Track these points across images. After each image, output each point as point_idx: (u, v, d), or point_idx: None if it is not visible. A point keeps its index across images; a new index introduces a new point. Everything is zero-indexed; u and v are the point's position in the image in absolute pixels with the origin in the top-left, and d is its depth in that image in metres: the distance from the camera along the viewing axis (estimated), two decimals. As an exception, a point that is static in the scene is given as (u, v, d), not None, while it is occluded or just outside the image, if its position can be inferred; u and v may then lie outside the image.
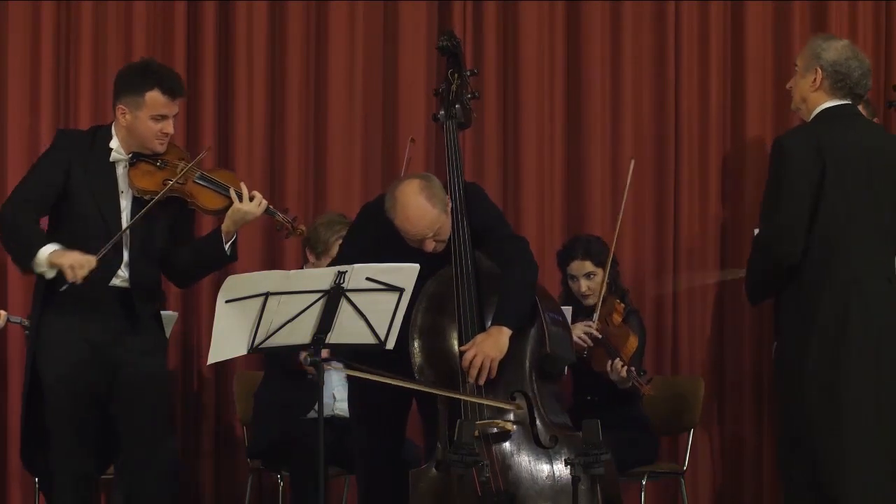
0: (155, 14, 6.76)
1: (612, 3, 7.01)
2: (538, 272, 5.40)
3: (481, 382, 5.15)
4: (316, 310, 4.72)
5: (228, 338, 4.70)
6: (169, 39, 6.73)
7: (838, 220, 4.69)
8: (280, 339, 4.73)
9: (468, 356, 5.14)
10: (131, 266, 5.08)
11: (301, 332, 4.74)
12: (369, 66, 6.90)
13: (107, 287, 5.05)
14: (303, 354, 5.05)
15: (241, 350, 4.76)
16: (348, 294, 4.72)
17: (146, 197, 5.07)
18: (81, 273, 4.90)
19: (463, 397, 5.16)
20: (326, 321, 4.73)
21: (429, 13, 6.94)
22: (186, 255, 5.19)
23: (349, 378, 5.73)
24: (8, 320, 5.87)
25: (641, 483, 6.15)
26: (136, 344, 5.10)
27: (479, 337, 5.17)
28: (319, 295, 4.70)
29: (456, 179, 5.35)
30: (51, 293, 5.06)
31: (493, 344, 5.15)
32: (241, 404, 6.42)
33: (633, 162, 6.28)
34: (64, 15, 6.74)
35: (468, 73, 5.52)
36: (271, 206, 5.17)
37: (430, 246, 5.24)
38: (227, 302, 4.65)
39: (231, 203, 5.09)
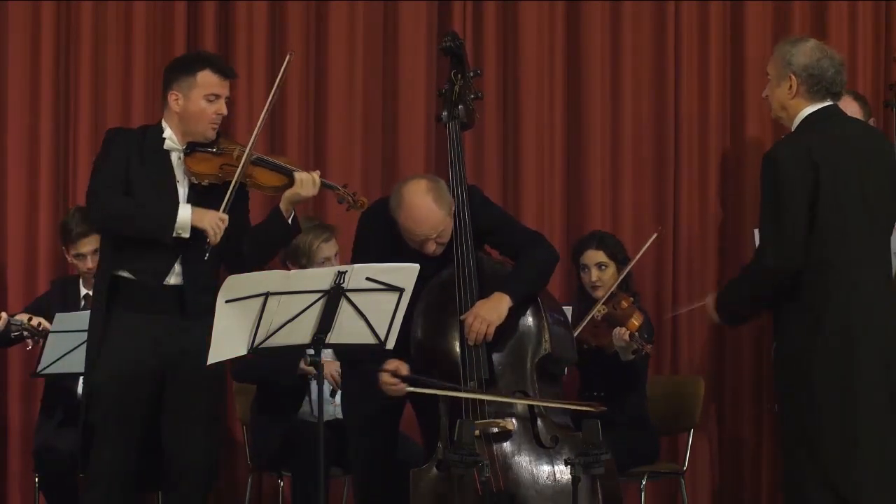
0: (155, 14, 6.77)
1: (612, 3, 7.01)
2: (556, 257, 5.44)
3: (476, 343, 5.19)
4: (316, 310, 4.72)
5: (228, 338, 4.71)
6: (169, 39, 6.73)
7: (835, 224, 4.68)
8: (280, 339, 4.73)
9: (466, 319, 5.19)
10: (198, 242, 5.07)
11: (301, 332, 4.74)
12: (369, 66, 6.90)
13: (161, 286, 5.07)
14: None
15: (241, 350, 4.76)
16: (348, 294, 4.72)
17: (205, 182, 5.11)
18: (220, 234, 5.02)
19: (510, 400, 5.17)
20: (326, 321, 4.74)
21: (429, 13, 6.94)
22: (250, 241, 5.22)
23: (344, 382, 5.74)
24: (9, 322, 5.84)
25: (641, 483, 6.15)
26: (188, 343, 5.08)
27: (479, 302, 5.22)
28: (319, 295, 4.71)
29: (459, 180, 5.36)
30: (113, 294, 5.10)
31: (490, 308, 5.20)
32: (241, 404, 6.43)
33: (655, 235, 6.31)
34: (64, 15, 6.75)
35: (471, 74, 5.53)
36: (326, 181, 5.22)
37: (430, 248, 5.25)
38: (227, 302, 4.65)
39: (288, 180, 5.14)
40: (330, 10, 6.89)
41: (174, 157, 5.16)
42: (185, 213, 5.03)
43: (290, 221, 5.20)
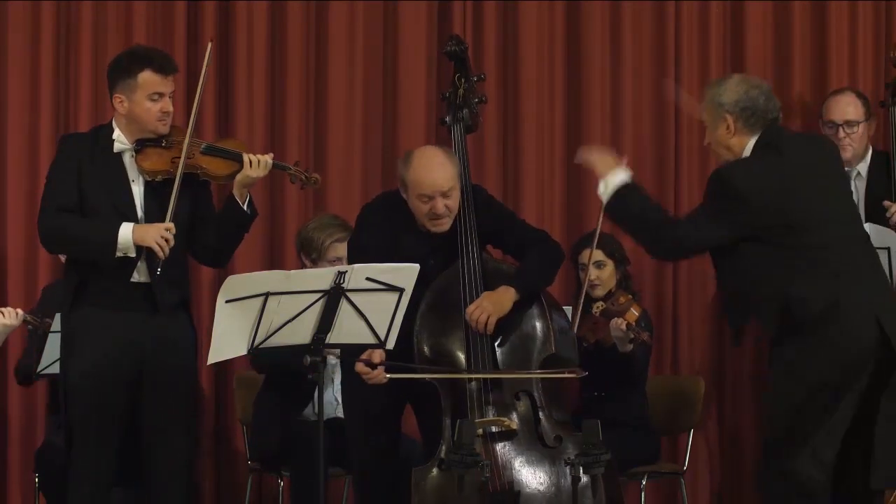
0: (155, 14, 6.77)
1: (612, 3, 7.01)
2: (562, 255, 5.49)
3: (480, 330, 5.21)
4: (316, 310, 4.73)
5: (228, 338, 4.72)
6: (169, 39, 6.72)
7: (812, 230, 4.72)
8: (280, 339, 4.74)
9: (469, 309, 5.23)
10: (148, 259, 5.07)
11: (301, 332, 4.75)
12: (369, 66, 6.89)
13: (129, 283, 5.06)
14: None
15: (241, 350, 4.77)
16: (348, 294, 4.73)
17: (157, 178, 5.11)
18: (168, 247, 4.97)
19: (489, 376, 5.19)
20: (326, 321, 4.74)
21: (429, 13, 6.94)
22: (211, 231, 5.22)
23: (345, 379, 5.74)
24: (25, 320, 5.81)
25: (641, 483, 6.15)
26: (158, 341, 5.11)
27: (484, 294, 5.25)
28: (319, 295, 4.71)
29: (464, 183, 5.37)
30: (79, 294, 5.10)
31: (494, 300, 5.23)
32: (241, 404, 6.43)
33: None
34: (64, 15, 6.75)
35: (475, 79, 5.54)
36: (278, 161, 5.22)
37: (440, 207, 5.26)
38: (227, 302, 4.66)
39: (239, 166, 5.14)
40: (330, 10, 6.88)
41: (126, 156, 5.16)
42: (125, 233, 5.01)
43: (245, 206, 5.20)
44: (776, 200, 4.70)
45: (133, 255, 5.02)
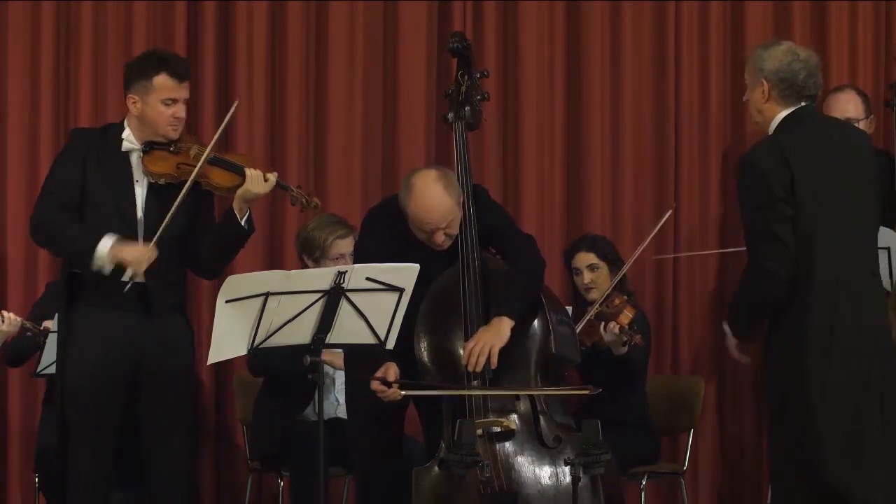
0: (155, 14, 6.77)
1: (612, 3, 7.01)
2: (545, 268, 5.43)
3: (479, 369, 5.15)
4: (316, 310, 4.73)
5: (228, 338, 4.72)
6: (169, 39, 6.72)
7: (815, 224, 4.69)
8: (280, 339, 4.74)
9: (469, 346, 5.15)
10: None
11: (301, 332, 4.75)
12: (369, 66, 6.90)
13: (121, 283, 5.07)
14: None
15: (241, 350, 4.77)
16: (348, 294, 4.73)
17: (161, 181, 5.12)
18: (142, 269, 4.98)
19: (506, 392, 5.17)
20: (326, 321, 4.74)
21: (429, 13, 6.94)
22: (207, 242, 5.22)
23: (349, 379, 5.73)
24: (23, 326, 5.80)
25: (641, 483, 6.15)
26: (156, 341, 5.11)
27: (482, 329, 5.19)
28: (319, 295, 4.71)
29: (465, 180, 5.37)
30: (75, 293, 5.11)
31: (493, 332, 5.16)
32: (241, 404, 6.43)
33: (670, 212, 6.32)
34: (64, 15, 6.75)
35: (478, 75, 5.54)
36: (282, 181, 5.20)
37: (439, 239, 5.24)
38: (227, 302, 4.66)
39: (242, 179, 5.13)
40: (330, 10, 6.89)
41: (134, 157, 5.17)
42: (103, 247, 5.01)
43: (243, 222, 5.19)
44: (792, 172, 4.68)
45: (107, 272, 5.03)
